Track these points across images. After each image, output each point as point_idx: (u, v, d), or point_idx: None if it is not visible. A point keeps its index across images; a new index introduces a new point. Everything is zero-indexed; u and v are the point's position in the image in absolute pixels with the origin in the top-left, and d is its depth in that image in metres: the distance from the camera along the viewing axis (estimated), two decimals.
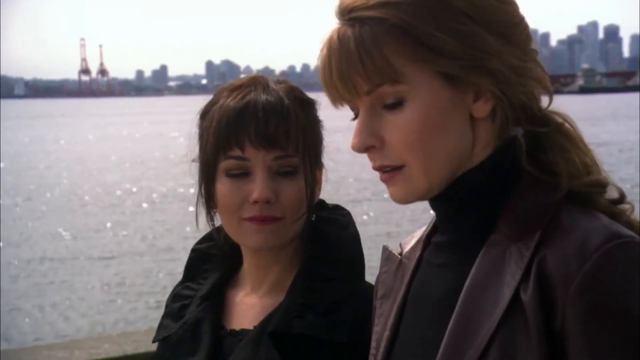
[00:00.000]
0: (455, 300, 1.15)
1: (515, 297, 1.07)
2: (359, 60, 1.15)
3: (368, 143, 1.18)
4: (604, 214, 1.14)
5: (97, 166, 35.06)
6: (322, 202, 1.72)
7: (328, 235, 1.67)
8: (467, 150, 1.19)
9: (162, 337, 1.72)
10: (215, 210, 1.68)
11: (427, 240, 1.32)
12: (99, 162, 37.25)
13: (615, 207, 1.18)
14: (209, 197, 1.65)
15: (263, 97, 1.59)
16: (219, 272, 1.75)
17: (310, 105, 1.64)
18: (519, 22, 1.21)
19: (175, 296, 1.78)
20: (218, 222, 1.71)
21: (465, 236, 1.21)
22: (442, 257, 1.25)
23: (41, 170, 34.05)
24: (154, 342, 1.76)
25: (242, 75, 1.73)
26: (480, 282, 1.13)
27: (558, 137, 1.20)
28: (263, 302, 1.67)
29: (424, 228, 1.36)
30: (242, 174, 1.58)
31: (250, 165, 1.58)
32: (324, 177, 1.69)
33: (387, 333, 1.30)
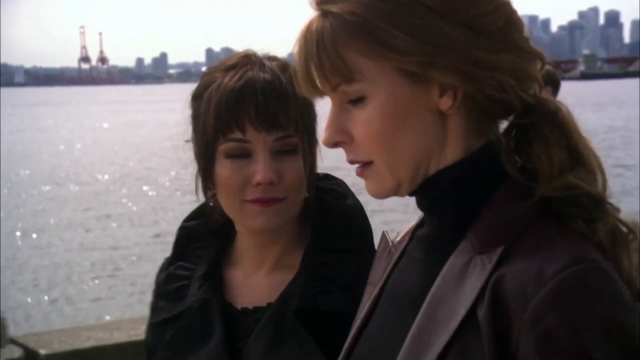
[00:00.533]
0: (422, 300, 1.12)
1: (472, 312, 1.04)
2: (318, 61, 1.14)
3: (336, 139, 1.17)
4: (581, 225, 1.09)
5: (100, 154, 35.05)
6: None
7: (332, 206, 1.67)
8: (438, 147, 1.15)
9: (161, 318, 1.69)
10: (212, 192, 1.66)
11: (413, 233, 1.29)
12: (101, 149, 37.23)
13: (594, 214, 1.10)
14: (206, 178, 1.63)
15: (261, 76, 1.57)
16: (212, 251, 1.72)
17: None
18: (494, 10, 1.12)
19: (168, 276, 1.73)
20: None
21: (441, 235, 1.18)
22: (420, 253, 1.23)
23: (43, 159, 34.04)
24: (151, 323, 1.72)
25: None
26: (443, 290, 1.10)
27: (543, 129, 1.13)
28: (270, 279, 1.66)
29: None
30: (242, 155, 1.57)
31: (251, 147, 1.56)
32: (319, 153, 1.68)
33: (358, 322, 1.29)
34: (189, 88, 1.69)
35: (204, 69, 1.77)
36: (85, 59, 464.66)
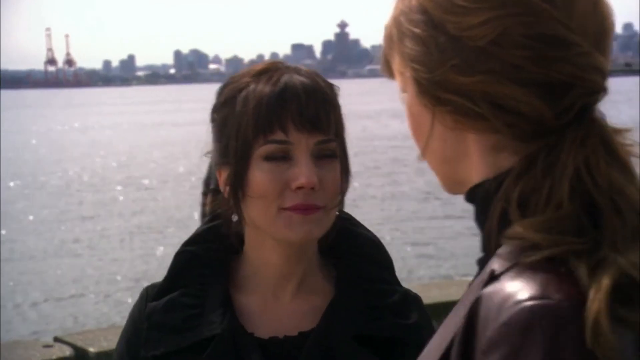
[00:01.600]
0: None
1: (451, 343, 0.95)
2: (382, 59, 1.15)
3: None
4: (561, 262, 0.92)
5: (81, 157, 34.76)
6: None
7: (357, 234, 1.64)
8: (462, 158, 1.05)
9: (162, 351, 1.54)
10: (240, 201, 1.54)
11: None
12: (80, 153, 36.94)
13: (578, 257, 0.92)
14: (238, 185, 1.52)
15: (299, 79, 1.51)
16: (223, 276, 1.60)
17: (335, 89, 1.58)
18: (484, 22, 0.98)
19: (170, 304, 1.58)
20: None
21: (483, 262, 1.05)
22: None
23: (30, 161, 33.75)
24: (149, 354, 1.56)
25: (212, 66, 1.69)
26: (443, 323, 1.02)
27: (555, 165, 0.96)
28: (296, 305, 1.59)
29: None
30: (282, 158, 1.49)
31: (292, 149, 1.49)
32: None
33: None
34: (158, 90, 1.64)
35: (172, 71, 1.75)
36: (51, 61, 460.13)
